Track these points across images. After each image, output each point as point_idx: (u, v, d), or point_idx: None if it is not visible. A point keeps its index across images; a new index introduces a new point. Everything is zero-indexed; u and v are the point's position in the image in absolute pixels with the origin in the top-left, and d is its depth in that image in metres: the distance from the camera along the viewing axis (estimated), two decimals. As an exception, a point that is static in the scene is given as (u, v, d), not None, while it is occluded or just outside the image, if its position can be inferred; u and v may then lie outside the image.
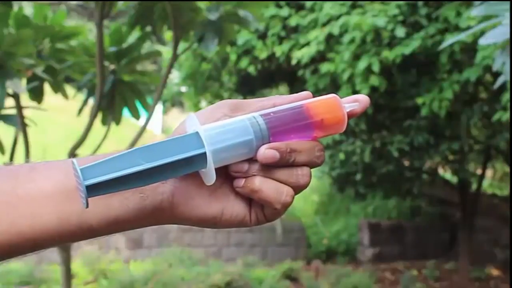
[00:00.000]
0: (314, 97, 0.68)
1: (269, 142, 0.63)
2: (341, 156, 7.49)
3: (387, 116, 6.93)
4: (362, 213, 9.55)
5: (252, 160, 0.63)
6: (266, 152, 0.61)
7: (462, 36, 2.74)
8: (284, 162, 0.63)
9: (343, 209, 10.08)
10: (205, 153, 0.59)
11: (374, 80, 6.03)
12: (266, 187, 0.62)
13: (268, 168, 0.63)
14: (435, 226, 9.46)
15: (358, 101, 0.69)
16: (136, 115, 3.33)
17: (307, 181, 0.64)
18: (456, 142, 6.79)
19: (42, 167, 0.62)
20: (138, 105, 3.35)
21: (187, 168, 0.58)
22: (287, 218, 9.01)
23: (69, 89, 3.58)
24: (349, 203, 10.00)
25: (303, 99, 0.67)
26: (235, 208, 0.64)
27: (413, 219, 9.55)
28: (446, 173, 9.56)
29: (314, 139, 0.66)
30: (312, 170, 0.66)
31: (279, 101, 0.67)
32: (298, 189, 0.64)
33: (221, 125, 0.62)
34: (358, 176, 7.65)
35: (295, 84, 8.03)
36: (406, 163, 7.76)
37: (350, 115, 0.68)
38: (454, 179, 8.84)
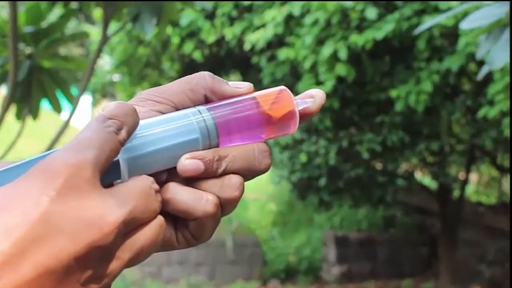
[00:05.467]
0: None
1: (218, 143, 0.62)
2: (302, 157, 7.54)
3: (356, 111, 7.00)
4: (327, 225, 9.60)
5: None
6: (187, 163, 0.60)
7: (442, 19, 2.79)
8: (211, 174, 0.61)
9: (304, 219, 10.12)
10: (118, 161, 0.57)
11: (341, 69, 6.07)
12: (180, 194, 0.60)
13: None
14: (411, 239, 9.59)
15: (313, 97, 0.67)
16: (57, 108, 3.30)
17: (234, 194, 0.61)
18: (435, 142, 6.89)
19: None
20: (60, 96, 3.32)
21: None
22: (239, 231, 9.02)
23: (-23, 77, 3.51)
24: (312, 213, 10.04)
25: (247, 91, 0.66)
26: None
27: (387, 231, 9.66)
28: (424, 178, 9.70)
29: (262, 140, 0.64)
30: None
31: (219, 90, 0.65)
32: (224, 202, 0.61)
33: (150, 123, 0.60)
34: (322, 181, 7.71)
35: (249, 73, 8.04)
36: (378, 166, 7.85)
37: (303, 114, 0.66)
38: (433, 185, 8.96)
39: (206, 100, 0.65)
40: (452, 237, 8.01)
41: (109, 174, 0.56)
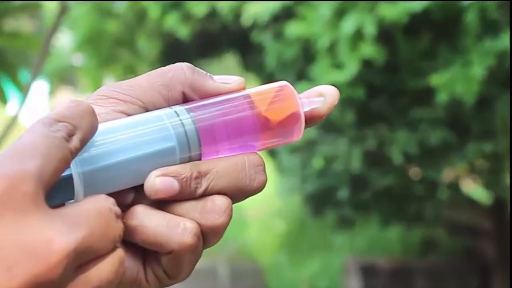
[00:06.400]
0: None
1: (200, 154, 0.61)
2: (318, 162, 7.55)
3: (387, 103, 7.00)
4: (349, 249, 9.63)
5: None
6: (158, 182, 0.59)
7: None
8: (189, 195, 0.61)
9: (320, 242, 10.14)
10: (70, 176, 0.57)
11: (367, 50, 6.07)
12: (150, 221, 0.59)
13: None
14: (457, 266, 9.60)
15: (323, 95, 0.67)
16: (2, 98, 3.30)
17: (219, 221, 0.61)
18: (488, 142, 6.89)
19: None
20: (6, 82, 3.32)
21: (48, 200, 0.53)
22: (237, 256, 9.04)
23: None
24: (330, 234, 10.06)
25: (237, 88, 0.66)
26: None
27: (426, 256, 9.67)
28: (474, 189, 9.71)
29: (255, 150, 0.65)
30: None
31: (201, 86, 0.65)
32: (206, 230, 0.61)
33: (112, 128, 0.60)
34: (343, 193, 7.72)
35: (249, 54, 8.05)
36: (415, 173, 7.85)
37: (310, 117, 0.66)
38: (485, 198, 8.97)
39: (185, 99, 0.65)
40: (509, 264, 8.01)
41: (59, 193, 0.56)
